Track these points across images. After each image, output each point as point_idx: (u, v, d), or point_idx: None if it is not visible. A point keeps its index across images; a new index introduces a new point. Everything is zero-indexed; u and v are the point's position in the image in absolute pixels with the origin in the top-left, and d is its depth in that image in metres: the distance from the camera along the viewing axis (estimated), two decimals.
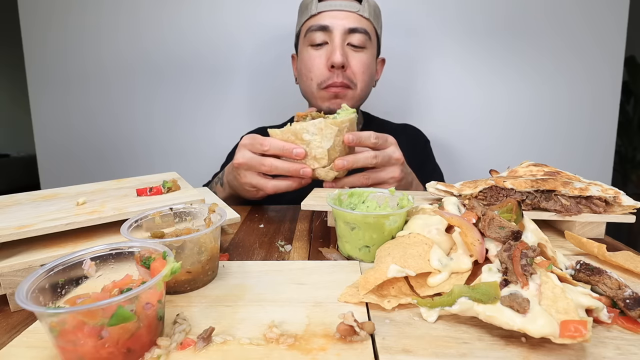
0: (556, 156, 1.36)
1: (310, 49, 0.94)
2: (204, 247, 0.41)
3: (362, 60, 0.93)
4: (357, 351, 0.30)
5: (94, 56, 1.34)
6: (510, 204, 0.42)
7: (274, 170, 0.68)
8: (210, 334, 0.32)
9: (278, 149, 0.67)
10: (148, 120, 1.38)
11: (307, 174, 0.67)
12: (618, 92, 1.33)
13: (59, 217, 0.45)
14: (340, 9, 0.91)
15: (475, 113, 1.34)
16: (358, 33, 0.91)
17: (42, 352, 0.31)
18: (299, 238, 0.60)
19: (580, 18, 1.28)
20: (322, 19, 0.91)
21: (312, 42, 0.93)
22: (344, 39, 0.91)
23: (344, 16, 0.91)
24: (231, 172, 0.78)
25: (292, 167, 0.68)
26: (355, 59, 0.93)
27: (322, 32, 0.91)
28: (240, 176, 0.73)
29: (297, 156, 0.67)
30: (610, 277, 0.37)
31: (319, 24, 0.91)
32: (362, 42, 0.92)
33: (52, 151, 1.41)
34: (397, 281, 0.40)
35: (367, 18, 0.93)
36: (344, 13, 0.91)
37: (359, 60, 0.93)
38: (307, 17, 0.94)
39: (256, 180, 0.71)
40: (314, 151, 0.67)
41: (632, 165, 2.79)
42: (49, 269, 0.32)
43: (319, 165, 0.68)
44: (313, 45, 0.93)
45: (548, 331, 0.29)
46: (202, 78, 1.35)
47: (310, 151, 0.67)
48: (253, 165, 0.69)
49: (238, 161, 0.70)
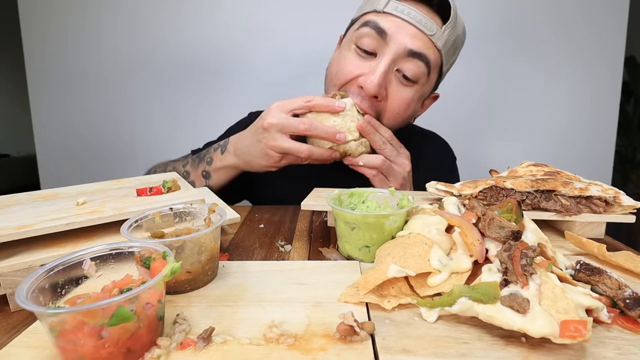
0: (556, 156, 1.36)
1: (354, 50, 0.75)
2: (204, 247, 0.41)
3: (405, 97, 0.75)
4: (357, 351, 0.30)
5: (94, 56, 1.34)
6: (510, 204, 0.42)
7: (312, 129, 0.65)
8: (210, 334, 0.32)
9: (322, 101, 0.67)
10: (148, 120, 1.39)
11: (342, 139, 0.68)
12: (618, 92, 1.33)
13: (59, 217, 0.45)
14: (412, 23, 0.70)
15: (475, 113, 1.34)
16: (417, 60, 0.71)
17: (42, 352, 0.31)
18: (299, 238, 0.60)
19: (580, 18, 1.28)
20: (385, 22, 0.71)
21: (359, 44, 0.74)
22: (395, 61, 0.71)
23: (413, 34, 0.70)
24: (246, 137, 0.72)
25: (330, 130, 0.66)
26: (397, 94, 0.74)
27: (378, 36, 0.71)
28: (269, 139, 0.67)
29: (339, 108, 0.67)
30: (610, 277, 0.37)
31: (379, 24, 0.71)
32: (416, 76, 0.73)
33: (52, 151, 1.41)
34: (397, 281, 0.40)
35: (439, 49, 0.73)
36: (414, 30, 0.70)
37: (400, 97, 0.74)
38: (371, 9, 0.75)
39: (289, 144, 0.66)
40: (348, 123, 0.69)
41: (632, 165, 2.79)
42: (49, 269, 0.32)
43: (351, 138, 0.70)
44: (359, 47, 0.75)
45: (548, 331, 0.29)
46: (202, 78, 1.35)
47: (345, 123, 0.69)
48: (288, 125, 0.65)
49: (270, 121, 0.65)
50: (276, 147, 0.68)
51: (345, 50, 0.78)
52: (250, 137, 0.72)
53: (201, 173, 0.81)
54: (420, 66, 0.72)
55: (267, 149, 0.69)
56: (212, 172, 0.79)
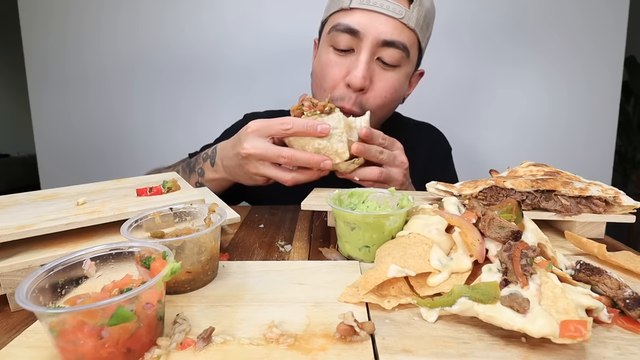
0: (556, 156, 1.36)
1: (332, 51, 0.77)
2: (204, 247, 0.41)
3: (390, 81, 0.77)
4: (357, 351, 0.30)
5: (94, 56, 1.34)
6: (510, 204, 0.42)
7: (293, 162, 0.62)
8: (210, 334, 0.32)
9: (302, 127, 0.61)
10: (148, 120, 1.39)
11: (328, 166, 0.62)
12: (618, 92, 1.33)
13: (59, 217, 0.45)
14: (380, 11, 0.72)
15: (475, 113, 1.34)
16: (394, 48, 0.73)
17: (42, 352, 0.31)
18: (299, 238, 0.60)
19: (580, 18, 1.28)
20: (354, 18, 0.73)
21: (335, 45, 0.76)
22: (373, 52, 0.73)
23: (383, 22, 0.72)
24: (232, 158, 0.69)
25: (314, 159, 0.62)
26: (381, 80, 0.76)
27: (350, 36, 0.73)
28: (250, 167, 0.65)
29: (321, 132, 0.61)
30: (610, 277, 0.37)
31: (349, 25, 0.73)
32: (396, 61, 0.75)
33: (52, 151, 1.41)
34: (397, 281, 0.40)
35: (412, 28, 0.74)
36: (384, 18, 0.72)
37: (385, 82, 0.76)
38: (338, 8, 0.76)
39: (272, 172, 0.64)
40: (334, 145, 0.63)
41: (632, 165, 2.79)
42: (49, 269, 0.32)
43: (340, 160, 0.64)
44: (335, 48, 0.76)
45: (548, 331, 0.29)
46: (202, 78, 1.35)
47: (332, 145, 0.63)
48: (268, 156, 0.62)
49: (248, 152, 0.62)
50: (259, 174, 0.66)
51: (323, 53, 0.79)
52: (234, 158, 0.69)
53: (195, 184, 0.80)
54: (397, 52, 0.74)
55: (251, 174, 0.67)
56: (206, 183, 0.78)
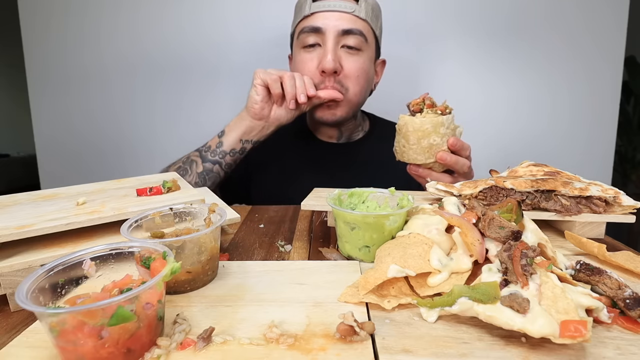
0: (556, 156, 1.36)
1: (303, 51, 0.90)
2: (204, 247, 0.41)
3: (357, 63, 0.89)
4: (357, 351, 0.30)
5: (94, 56, 1.34)
6: (510, 204, 0.42)
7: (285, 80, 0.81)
8: (210, 334, 0.32)
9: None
10: (148, 120, 1.38)
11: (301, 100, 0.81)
12: (618, 92, 1.33)
13: (59, 217, 0.45)
14: (334, 10, 0.87)
15: (475, 113, 1.34)
16: (353, 35, 0.87)
17: (42, 352, 0.31)
18: (299, 238, 0.60)
19: (580, 18, 1.28)
20: (315, 20, 0.88)
21: (304, 44, 0.90)
22: (337, 41, 0.87)
23: (338, 17, 0.87)
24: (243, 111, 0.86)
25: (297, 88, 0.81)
26: (350, 63, 0.88)
27: (315, 34, 0.87)
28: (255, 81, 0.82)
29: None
30: (610, 277, 0.37)
31: (312, 25, 0.88)
32: (357, 44, 0.88)
33: (52, 151, 1.41)
34: (397, 281, 0.40)
35: (364, 19, 0.89)
36: (338, 14, 0.87)
37: (353, 64, 0.89)
38: (301, 17, 0.91)
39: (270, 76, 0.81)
40: (444, 145, 0.69)
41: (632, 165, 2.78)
42: (49, 269, 0.32)
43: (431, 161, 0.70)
44: (305, 47, 0.90)
45: (548, 331, 0.29)
46: (203, 78, 1.35)
47: (443, 143, 0.69)
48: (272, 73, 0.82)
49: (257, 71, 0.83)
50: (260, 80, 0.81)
51: (297, 55, 0.93)
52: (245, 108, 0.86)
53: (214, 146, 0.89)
54: (357, 37, 0.88)
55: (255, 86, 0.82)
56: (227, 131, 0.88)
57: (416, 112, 0.70)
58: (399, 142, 0.72)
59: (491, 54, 1.31)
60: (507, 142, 1.36)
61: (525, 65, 1.31)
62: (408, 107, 0.72)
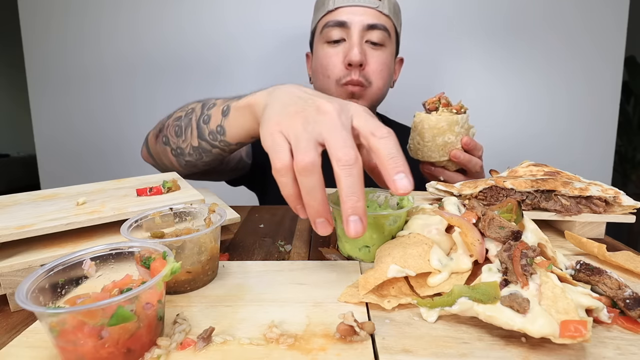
0: (556, 156, 1.36)
1: (327, 46, 0.90)
2: (204, 247, 0.41)
3: (381, 58, 0.89)
4: (357, 351, 0.30)
5: (94, 56, 1.34)
6: (510, 204, 0.42)
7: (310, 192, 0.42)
8: (210, 334, 0.32)
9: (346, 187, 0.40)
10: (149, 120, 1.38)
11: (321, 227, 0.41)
12: (618, 92, 1.33)
13: (59, 217, 0.45)
14: (359, 5, 0.87)
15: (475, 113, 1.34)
16: (377, 30, 0.87)
17: (42, 352, 0.31)
18: (299, 238, 0.60)
19: (580, 18, 1.28)
20: (340, 15, 0.87)
21: (328, 39, 0.89)
22: (362, 35, 0.86)
23: (363, 12, 0.87)
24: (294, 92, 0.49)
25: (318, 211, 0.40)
26: (374, 57, 0.88)
27: (340, 28, 0.87)
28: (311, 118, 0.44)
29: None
30: (610, 277, 0.37)
31: (337, 19, 0.87)
32: (381, 40, 0.88)
33: (52, 151, 1.41)
34: (397, 281, 0.40)
35: (387, 15, 0.89)
36: (363, 9, 0.87)
37: (377, 59, 0.89)
38: (324, 13, 0.90)
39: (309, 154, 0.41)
40: (458, 144, 0.70)
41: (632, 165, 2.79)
42: (49, 269, 0.32)
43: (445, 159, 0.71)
44: (329, 42, 0.89)
45: (548, 331, 0.29)
46: (203, 78, 1.35)
47: (457, 142, 0.70)
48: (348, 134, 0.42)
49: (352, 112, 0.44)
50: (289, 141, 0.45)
51: (320, 50, 0.91)
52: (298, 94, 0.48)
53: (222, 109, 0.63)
54: (381, 32, 0.88)
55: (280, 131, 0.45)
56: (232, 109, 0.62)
57: (432, 110, 0.71)
58: (414, 139, 0.73)
59: (491, 54, 1.31)
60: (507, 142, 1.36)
61: (525, 66, 1.31)
62: (424, 105, 0.73)
